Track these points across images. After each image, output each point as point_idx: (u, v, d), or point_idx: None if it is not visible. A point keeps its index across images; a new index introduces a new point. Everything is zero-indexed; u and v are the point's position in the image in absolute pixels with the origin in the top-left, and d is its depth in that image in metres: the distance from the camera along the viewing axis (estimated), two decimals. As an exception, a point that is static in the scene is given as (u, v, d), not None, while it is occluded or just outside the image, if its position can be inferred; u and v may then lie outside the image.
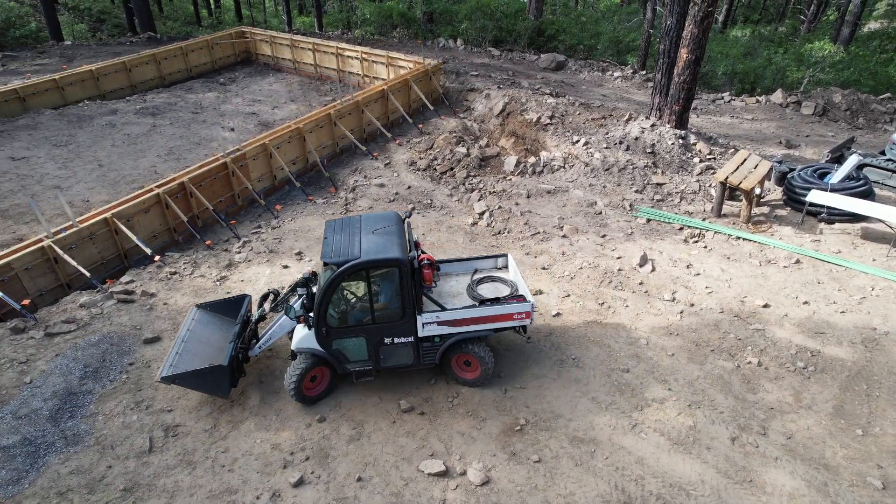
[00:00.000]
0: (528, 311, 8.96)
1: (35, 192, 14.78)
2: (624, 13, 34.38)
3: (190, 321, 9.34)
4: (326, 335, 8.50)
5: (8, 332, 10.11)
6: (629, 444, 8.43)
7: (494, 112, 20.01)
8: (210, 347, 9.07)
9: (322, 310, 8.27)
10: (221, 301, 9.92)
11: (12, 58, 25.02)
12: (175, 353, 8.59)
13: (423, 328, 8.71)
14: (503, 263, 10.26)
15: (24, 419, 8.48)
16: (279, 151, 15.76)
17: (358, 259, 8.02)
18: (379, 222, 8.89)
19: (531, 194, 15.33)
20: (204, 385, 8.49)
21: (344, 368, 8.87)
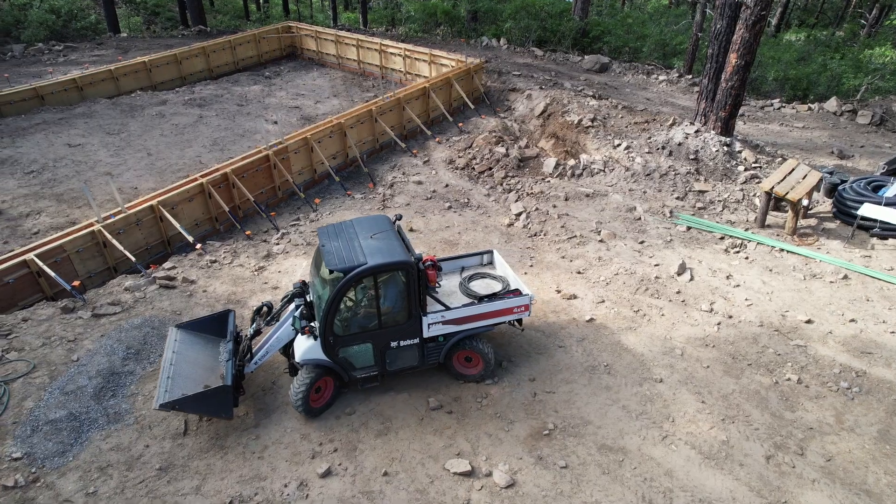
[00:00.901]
0: (526, 304, 9.27)
1: (88, 178, 15.35)
2: (672, 15, 33.70)
3: (173, 342, 8.78)
4: (333, 344, 8.35)
5: (59, 311, 10.55)
6: (659, 455, 8.29)
7: (535, 113, 19.88)
8: (200, 368, 8.67)
9: (329, 318, 8.09)
10: (202, 319, 9.45)
11: (73, 48, 26.02)
12: (166, 377, 8.09)
13: (428, 329, 8.74)
14: (489, 260, 10.47)
15: (70, 395, 8.84)
16: (320, 146, 16.00)
17: (366, 264, 7.90)
18: (374, 226, 8.80)
19: (569, 197, 15.18)
20: (207, 408, 8.10)
21: (350, 376, 8.75)
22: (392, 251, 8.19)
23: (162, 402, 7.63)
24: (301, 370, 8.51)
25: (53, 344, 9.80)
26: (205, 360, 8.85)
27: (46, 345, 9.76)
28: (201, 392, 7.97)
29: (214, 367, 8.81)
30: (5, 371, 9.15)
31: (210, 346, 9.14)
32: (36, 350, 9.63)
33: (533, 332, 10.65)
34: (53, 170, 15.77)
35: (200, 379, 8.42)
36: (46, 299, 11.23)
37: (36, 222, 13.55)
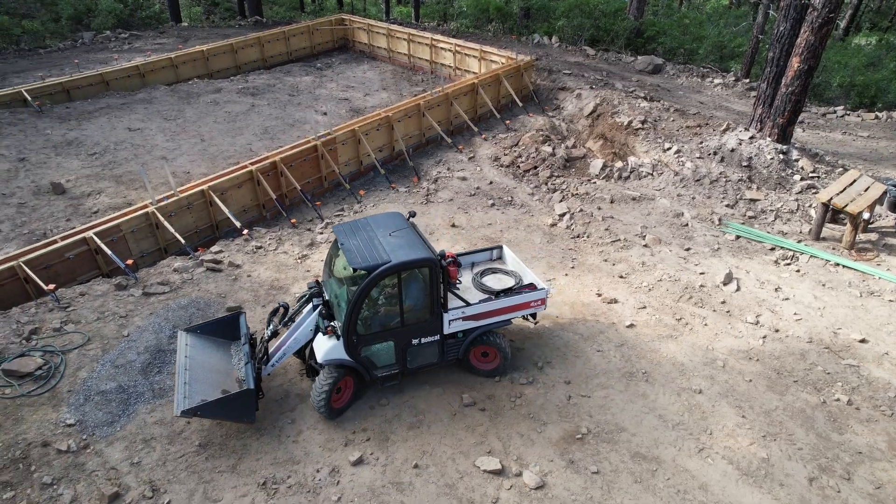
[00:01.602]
0: (543, 298, 9.34)
1: (145, 162, 15.95)
2: (732, 16, 32.61)
3: (184, 347, 8.57)
4: (357, 343, 8.27)
5: (113, 287, 11.01)
6: (694, 467, 8.10)
7: (584, 113, 19.60)
8: (215, 373, 8.48)
9: (353, 318, 8.00)
10: (211, 322, 9.26)
11: (137, 37, 27.03)
12: (182, 383, 7.91)
13: (448, 325, 8.73)
14: (498, 255, 10.49)
15: (120, 368, 9.23)
16: (367, 138, 16.18)
17: (390, 262, 7.81)
18: (390, 224, 8.76)
19: (615, 199, 14.93)
20: (229, 412, 7.97)
21: (372, 375, 8.67)
22: (414, 248, 8.17)
23: (183, 409, 7.44)
24: (322, 371, 8.37)
25: (107, 319, 10.24)
26: (218, 363, 8.67)
27: (100, 319, 10.21)
28: (224, 397, 7.81)
29: (228, 370, 8.67)
30: (63, 342, 9.62)
31: (221, 350, 8.97)
32: (91, 323, 10.08)
33: (571, 334, 10.54)
34: (114, 152, 16.43)
35: (217, 383, 8.26)
36: (102, 276, 11.74)
37: (96, 202, 14.15)
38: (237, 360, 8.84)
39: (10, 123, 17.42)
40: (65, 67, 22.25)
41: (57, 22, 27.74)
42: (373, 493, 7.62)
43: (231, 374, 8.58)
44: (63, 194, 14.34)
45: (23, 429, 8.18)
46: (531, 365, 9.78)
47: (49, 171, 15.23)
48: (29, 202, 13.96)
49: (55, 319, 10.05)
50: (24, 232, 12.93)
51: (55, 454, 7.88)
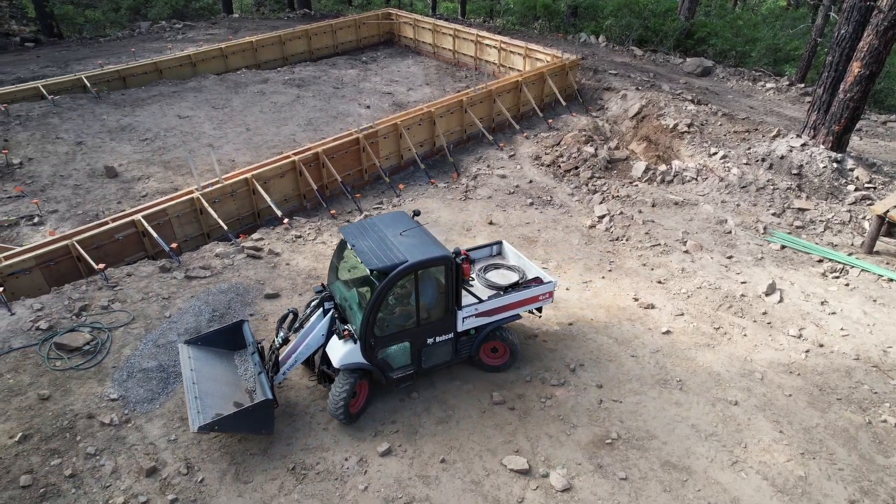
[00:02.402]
0: (551, 291, 9.37)
1: (192, 149, 16.40)
2: (789, 18, 31.53)
3: (187, 360, 8.32)
4: (374, 346, 8.13)
5: (157, 269, 11.39)
6: (726, 480, 7.91)
7: (629, 114, 19.27)
8: (223, 385, 8.25)
9: (371, 320, 7.87)
10: (211, 333, 8.96)
11: (190, 27, 27.80)
12: (193, 397, 7.64)
13: (462, 323, 8.69)
14: (497, 250, 10.50)
15: (161, 348, 9.55)
16: (409, 132, 16.27)
17: (408, 262, 7.71)
18: (398, 223, 8.66)
19: (656, 203, 14.64)
20: (248, 425, 7.71)
21: (387, 377, 8.54)
22: (429, 247, 8.11)
23: (200, 425, 7.15)
24: (338, 376, 8.18)
25: (151, 299, 10.59)
26: (224, 375, 8.43)
27: (145, 299, 10.57)
28: (242, 409, 7.54)
29: (237, 381, 8.43)
30: (110, 319, 10.00)
31: (225, 361, 8.73)
32: (136, 303, 10.45)
33: (605, 338, 10.41)
34: (164, 138, 16.96)
35: (227, 396, 8.03)
36: (148, 258, 12.15)
37: (145, 186, 14.64)
38: (243, 371, 8.63)
39: (71, 108, 18.16)
40: (122, 56, 23.06)
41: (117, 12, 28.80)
42: (399, 485, 7.69)
43: (240, 385, 8.35)
44: (115, 178, 14.88)
45: (70, 400, 8.55)
46: (563, 367, 9.70)
47: (103, 155, 15.81)
48: (84, 184, 14.54)
49: (103, 298, 10.45)
50: (79, 213, 13.47)
51: (99, 426, 8.21)
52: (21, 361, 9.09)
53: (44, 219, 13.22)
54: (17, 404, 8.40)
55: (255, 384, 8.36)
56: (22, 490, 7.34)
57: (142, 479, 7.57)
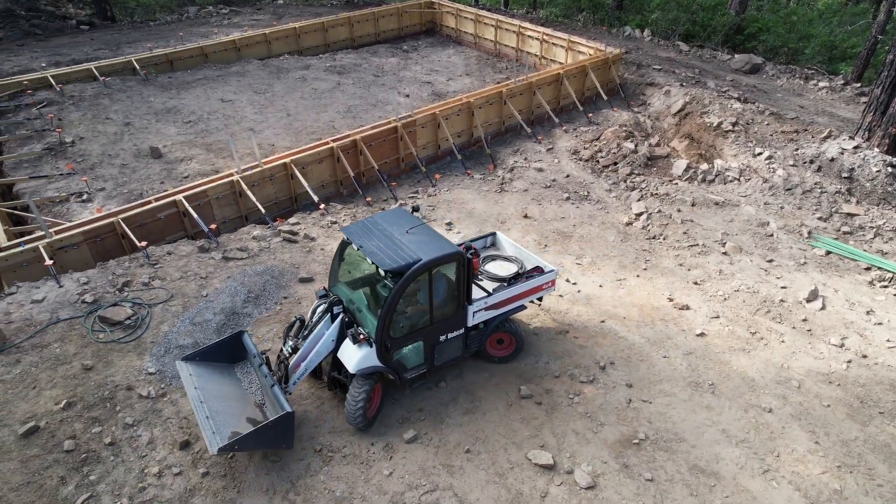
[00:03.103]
0: (553, 280, 9.35)
1: (234, 132, 16.71)
2: (847, 14, 30.23)
3: (189, 378, 7.93)
4: (390, 347, 7.97)
5: (196, 249, 11.68)
6: (756, 489, 7.74)
7: (672, 111, 18.85)
8: (232, 400, 7.91)
9: (388, 321, 7.70)
10: (209, 347, 8.49)
11: (236, 12, 28.27)
12: (204, 417, 7.32)
13: (472, 317, 8.59)
14: (492, 242, 10.38)
15: (197, 326, 9.81)
16: (447, 122, 16.25)
17: (422, 260, 7.58)
18: (402, 221, 8.47)
19: (696, 203, 14.32)
20: (268, 441, 7.37)
21: (402, 378, 8.39)
22: (439, 243, 7.99)
23: (220, 447, 6.81)
24: (354, 381, 7.93)
25: (189, 278, 10.88)
26: (229, 390, 8.10)
27: (183, 278, 10.86)
28: (263, 425, 7.17)
29: (243, 396, 8.11)
30: (150, 296, 10.32)
31: (226, 375, 8.37)
32: (175, 281, 10.75)
33: (637, 337, 10.27)
34: (207, 121, 17.32)
35: (238, 412, 7.72)
36: (187, 237, 12.46)
37: (187, 167, 15.00)
38: (248, 384, 8.31)
39: (121, 90, 18.70)
40: (170, 39, 23.60)
41: (166, -4, 29.44)
42: (423, 473, 7.76)
43: (248, 400, 8.04)
44: (159, 158, 15.28)
45: (111, 371, 8.87)
46: (593, 364, 9.61)
47: (149, 136, 16.25)
48: (130, 164, 14.98)
49: (144, 275, 10.78)
50: (124, 191, 13.89)
51: (137, 398, 8.50)
52: (67, 332, 9.47)
53: (92, 196, 13.68)
54: (63, 373, 8.76)
55: (262, 397, 8.06)
56: (66, 454, 7.67)
57: (175, 452, 7.82)
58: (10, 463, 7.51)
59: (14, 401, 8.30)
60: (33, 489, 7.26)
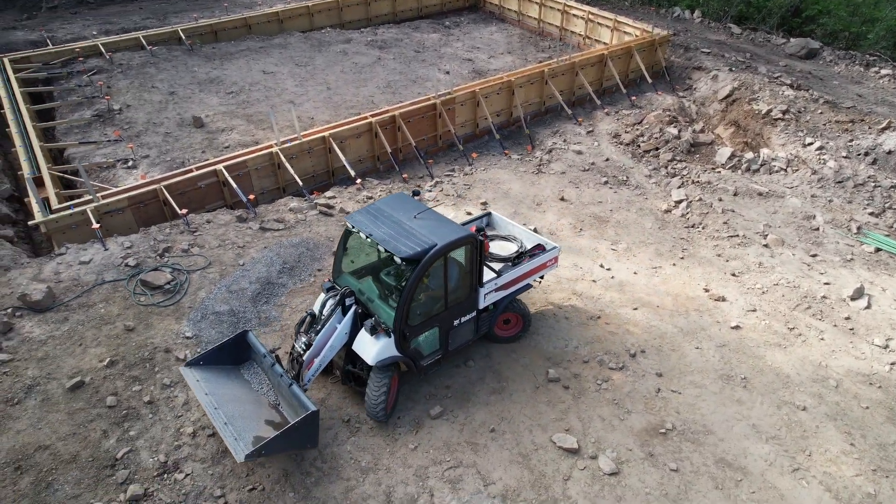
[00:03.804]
0: (556, 257, 9.41)
1: (274, 104, 16.88)
2: (915, -1, 28.52)
3: (197, 384, 7.60)
4: (408, 336, 7.81)
5: (235, 219, 11.92)
6: (784, 486, 7.61)
7: (718, 96, 18.26)
8: (246, 404, 7.64)
9: (406, 310, 7.54)
10: (212, 351, 8.04)
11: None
12: (223, 424, 7.06)
13: (484, 299, 8.51)
14: (487, 222, 10.28)
15: (233, 294, 10.06)
16: (486, 101, 16.08)
17: (437, 245, 7.43)
18: (407, 206, 8.23)
19: (739, 192, 13.91)
20: (294, 442, 7.13)
21: (418, 367, 8.27)
22: (450, 228, 7.87)
23: (247, 454, 6.53)
24: (373, 374, 7.78)
25: (226, 247, 11.13)
26: (241, 393, 7.80)
27: (221, 246, 11.11)
28: (289, 427, 6.90)
29: (256, 398, 7.82)
30: (189, 262, 10.61)
31: (233, 378, 8.03)
32: (213, 249, 11.01)
33: (670, 326, 10.12)
34: (248, 92, 17.52)
35: (255, 415, 7.49)
36: (226, 207, 12.72)
37: (228, 138, 15.24)
38: (257, 385, 8.01)
39: (167, 59, 19.04)
40: (215, 10, 23.85)
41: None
42: (448, 448, 7.86)
43: (261, 402, 7.78)
44: (201, 128, 15.56)
45: (151, 334, 9.19)
46: (623, 351, 9.53)
47: (192, 106, 16.54)
48: (173, 132, 15.30)
49: (184, 241, 11.07)
50: (167, 159, 14.22)
51: (175, 361, 8.80)
52: (111, 294, 9.82)
53: (137, 163, 14.05)
54: (107, 332, 9.12)
55: (276, 398, 7.82)
56: (108, 409, 8.02)
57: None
58: (58, 414, 7.90)
59: (62, 356, 8.69)
60: (79, 440, 7.62)
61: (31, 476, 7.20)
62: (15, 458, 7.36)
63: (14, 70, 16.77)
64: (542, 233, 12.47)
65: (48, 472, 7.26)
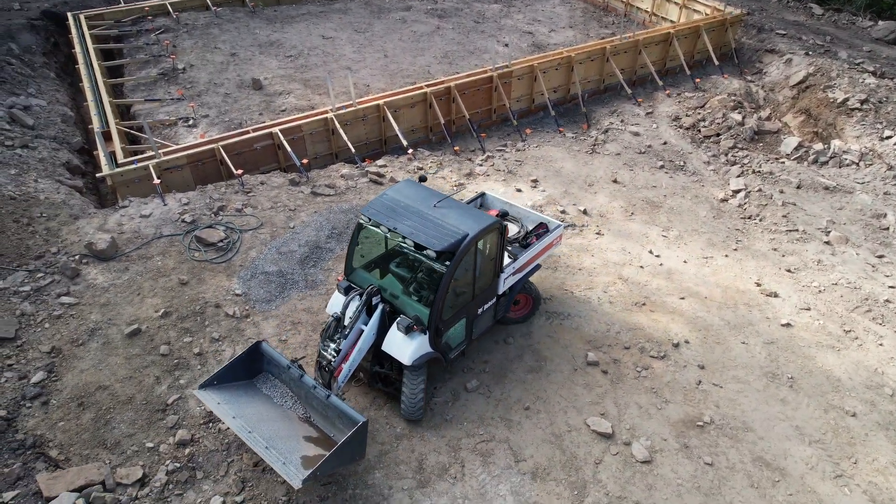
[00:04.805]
0: (561, 234, 9.39)
1: (331, 70, 16.98)
2: None
3: (218, 407, 7.05)
4: (441, 331, 7.54)
5: (287, 182, 12.17)
6: (825, 492, 7.41)
7: (790, 82, 17.34)
8: (277, 421, 7.16)
9: (442, 304, 7.27)
10: (224, 370, 7.41)
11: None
12: (264, 448, 6.60)
13: (503, 284, 8.34)
14: (481, 203, 10.01)
15: (282, 256, 10.34)
16: (544, 76, 15.76)
17: (469, 235, 7.14)
18: (423, 194, 7.84)
19: (802, 185, 13.28)
20: (346, 457, 6.74)
21: (447, 360, 8.05)
22: (475, 215, 7.60)
23: (304, 479, 6.17)
24: (409, 373, 7.46)
25: (278, 209, 11.40)
26: (265, 409, 7.30)
27: (273, 208, 11.39)
28: (342, 443, 6.45)
29: (284, 413, 7.33)
30: (242, 222, 10.93)
31: (252, 393, 7.49)
32: (265, 210, 11.30)
33: (717, 319, 9.87)
34: (306, 57, 17.68)
35: (291, 432, 7.04)
36: (280, 170, 12.98)
37: (285, 101, 15.47)
38: (279, 398, 7.49)
39: (230, 21, 19.36)
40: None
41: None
42: (481, 422, 7.97)
43: (290, 416, 7.31)
44: (260, 90, 15.83)
45: (203, 289, 9.57)
46: (666, 340, 9.37)
47: (252, 68, 16.82)
48: (233, 93, 15.63)
49: (238, 201, 11.40)
50: (226, 119, 14.57)
51: (224, 316, 9.16)
52: (168, 247, 10.25)
53: (197, 122, 14.45)
54: (163, 284, 9.55)
55: (304, 410, 7.37)
56: (161, 357, 8.45)
57: (255, 369, 8.41)
58: (117, 358, 8.38)
59: (122, 304, 9.16)
60: (134, 383, 8.08)
61: (91, 412, 7.69)
62: (78, 394, 7.87)
63: (89, 27, 17.37)
64: (591, 215, 12.27)
65: (107, 410, 7.74)
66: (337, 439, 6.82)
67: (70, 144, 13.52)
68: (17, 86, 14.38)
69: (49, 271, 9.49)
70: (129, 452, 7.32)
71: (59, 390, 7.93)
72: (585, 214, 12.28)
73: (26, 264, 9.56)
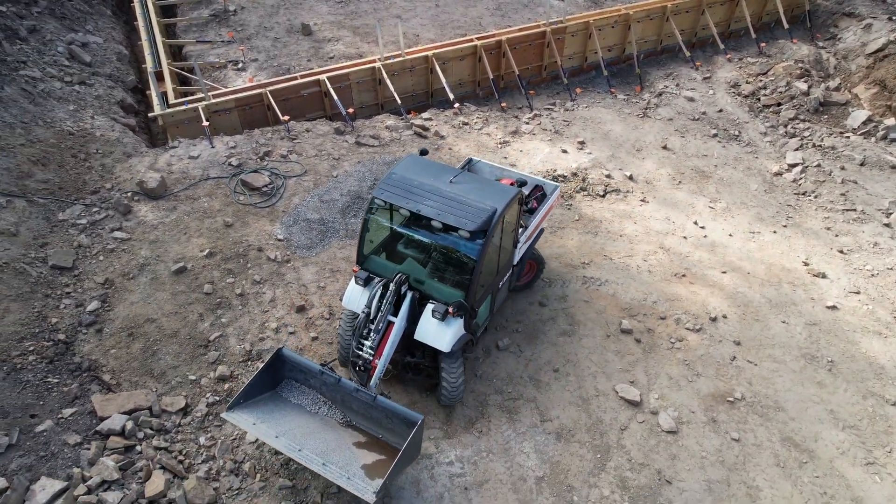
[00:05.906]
0: (559, 195, 9.38)
1: (381, 18, 16.70)
2: None
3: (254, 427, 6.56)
4: (474, 313, 7.22)
5: (332, 130, 12.21)
6: (854, 477, 7.33)
7: (867, 50, 16.23)
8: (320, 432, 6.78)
9: (476, 286, 6.94)
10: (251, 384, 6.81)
11: None
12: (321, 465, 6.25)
13: (518, 254, 8.15)
14: (468, 169, 9.33)
15: (324, 204, 10.48)
16: (599, 34, 15.18)
17: (497, 210, 6.77)
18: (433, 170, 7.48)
19: (866, 162, 12.62)
20: (408, 459, 6.44)
21: (476, 339, 7.84)
22: (497, 188, 7.31)
23: (375, 491, 5.97)
24: (448, 360, 7.21)
25: (322, 157, 11.50)
26: (304, 421, 6.89)
27: (317, 156, 11.49)
28: (405, 448, 6.16)
29: (322, 422, 6.93)
30: (286, 168, 11.08)
31: (282, 405, 7.03)
32: (310, 158, 11.41)
33: (758, 295, 9.65)
34: (357, 3, 17.40)
35: (339, 442, 6.70)
36: (326, 118, 13.02)
37: (333, 48, 15.36)
38: (310, 405, 7.08)
39: (280, -40, 19.12)
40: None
41: None
42: (510, 380, 8.10)
43: (330, 423, 6.95)
44: (309, 36, 15.74)
45: (246, 232, 9.83)
46: (703, 313, 9.24)
47: (302, 13, 16.69)
48: (282, 38, 15.59)
49: (283, 147, 11.53)
50: (274, 64, 14.59)
51: (265, 260, 9.42)
52: (214, 189, 10.51)
53: (246, 65, 14.53)
54: (208, 225, 9.84)
55: (343, 415, 7.00)
56: (205, 295, 8.80)
57: (292, 313, 8.70)
58: (163, 293, 8.76)
59: (169, 242, 9.51)
60: (179, 318, 8.46)
61: (140, 343, 8.12)
62: (129, 325, 8.30)
63: (143, -37, 17.44)
64: (637, 181, 11.99)
65: (154, 342, 8.15)
66: (388, 440, 6.66)
67: (124, 83, 13.80)
68: (76, 22, 14.64)
69: (104, 206, 9.88)
70: (173, 383, 7.73)
71: (111, 320, 8.37)
72: (631, 180, 12.00)
73: (83, 198, 9.97)
